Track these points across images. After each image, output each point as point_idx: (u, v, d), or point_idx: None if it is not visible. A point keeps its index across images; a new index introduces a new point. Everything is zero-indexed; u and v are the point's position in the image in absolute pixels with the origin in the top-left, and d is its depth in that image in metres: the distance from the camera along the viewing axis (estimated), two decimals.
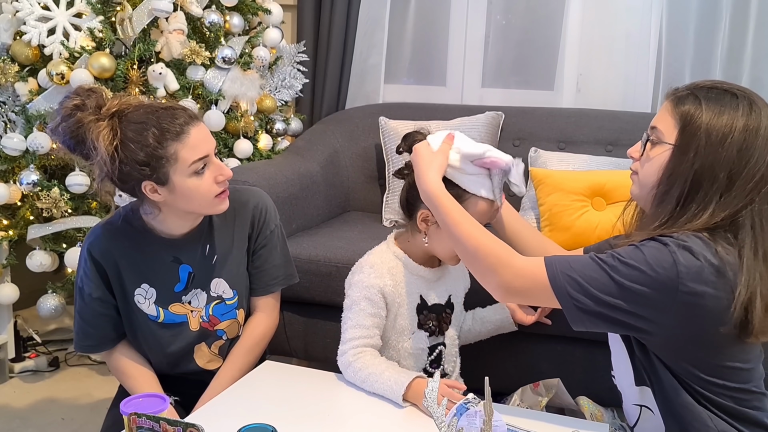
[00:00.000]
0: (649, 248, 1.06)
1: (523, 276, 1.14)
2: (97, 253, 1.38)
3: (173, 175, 1.27)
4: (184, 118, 1.28)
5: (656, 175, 1.13)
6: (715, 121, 1.07)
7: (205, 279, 1.44)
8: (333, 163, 2.51)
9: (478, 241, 1.17)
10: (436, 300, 1.42)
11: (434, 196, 1.23)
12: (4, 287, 2.11)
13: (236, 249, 1.48)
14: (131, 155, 1.24)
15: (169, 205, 1.33)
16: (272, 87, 2.60)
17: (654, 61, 2.51)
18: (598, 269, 1.08)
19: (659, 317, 1.05)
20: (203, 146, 1.30)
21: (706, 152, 1.07)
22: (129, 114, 1.27)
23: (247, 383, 1.35)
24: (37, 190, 2.01)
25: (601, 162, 2.22)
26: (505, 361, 1.81)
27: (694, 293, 1.02)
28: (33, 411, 2.05)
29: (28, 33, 2.01)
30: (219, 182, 1.33)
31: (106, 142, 1.22)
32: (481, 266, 1.17)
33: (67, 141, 1.26)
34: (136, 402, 1.06)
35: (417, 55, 2.88)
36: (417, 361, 1.41)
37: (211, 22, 2.25)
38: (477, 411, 1.03)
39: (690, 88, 1.14)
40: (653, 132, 1.16)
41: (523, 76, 2.78)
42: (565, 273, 1.10)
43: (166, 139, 1.25)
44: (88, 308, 1.42)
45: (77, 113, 1.24)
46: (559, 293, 1.10)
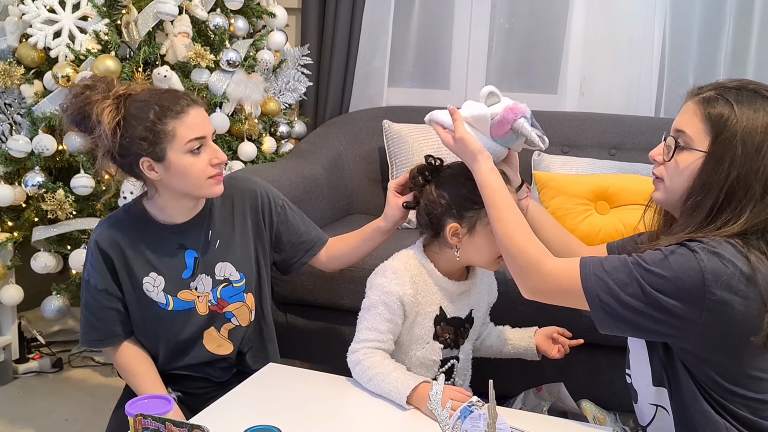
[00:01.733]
0: (677, 255, 1.03)
1: (551, 278, 1.14)
2: (105, 244, 1.41)
3: (170, 151, 1.33)
4: (186, 100, 1.35)
5: (686, 183, 1.09)
6: (750, 129, 1.03)
7: (209, 263, 1.47)
8: (336, 166, 2.51)
9: (514, 240, 1.18)
10: (456, 313, 1.41)
11: (482, 186, 1.23)
12: (8, 288, 2.11)
13: (239, 234, 1.51)
14: (132, 130, 1.32)
15: (165, 185, 1.38)
16: (276, 90, 2.61)
17: (657, 64, 2.51)
18: (629, 274, 1.06)
19: (687, 325, 1.03)
20: (201, 127, 1.36)
21: (742, 162, 1.03)
22: (134, 95, 1.36)
23: (252, 385, 1.35)
24: (42, 192, 2.01)
25: (604, 166, 2.22)
26: (508, 364, 1.80)
27: (723, 301, 1.00)
28: (37, 412, 2.06)
29: (34, 36, 2.01)
30: (213, 165, 1.38)
31: (109, 118, 1.31)
32: (513, 267, 1.19)
33: (73, 116, 1.37)
34: (141, 403, 1.06)
35: (420, 59, 2.89)
36: (428, 372, 1.40)
37: (215, 25, 2.26)
38: (481, 414, 1.03)
39: (717, 89, 1.09)
40: (680, 136, 1.11)
41: (526, 79, 2.78)
42: (598, 275, 1.08)
43: (166, 116, 1.32)
44: (94, 301, 1.43)
45: (86, 92, 1.35)
46: (590, 295, 1.09)
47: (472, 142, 1.26)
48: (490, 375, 1.74)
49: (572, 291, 1.10)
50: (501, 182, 1.24)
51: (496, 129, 1.30)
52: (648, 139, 2.36)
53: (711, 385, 1.08)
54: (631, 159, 2.29)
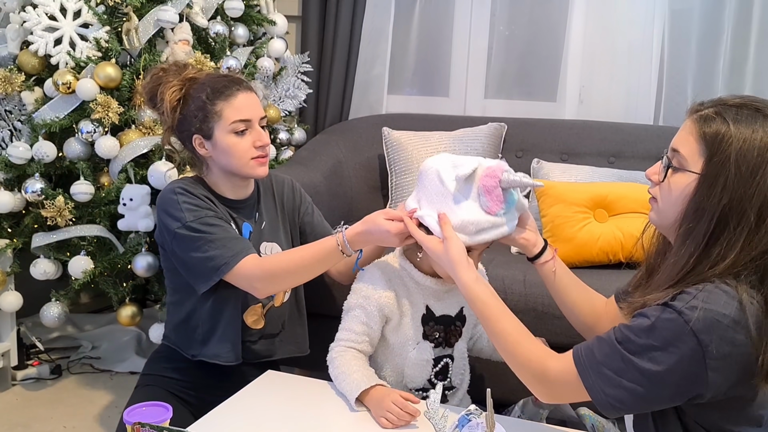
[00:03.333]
0: (663, 321, 0.97)
1: (558, 383, 1.09)
2: (191, 188, 1.49)
3: (217, 130, 1.46)
4: (237, 84, 1.48)
5: (679, 207, 1.03)
6: (746, 150, 0.96)
7: (257, 242, 1.57)
8: (336, 173, 2.52)
9: (516, 352, 1.14)
10: (445, 311, 1.41)
11: (469, 290, 1.19)
12: (7, 295, 2.11)
13: (281, 221, 1.65)
14: (187, 108, 1.48)
15: (214, 161, 1.51)
16: (276, 97, 2.62)
17: (656, 73, 2.53)
18: (622, 358, 1.00)
19: (695, 388, 0.98)
20: (247, 110, 1.47)
21: (735, 186, 0.96)
22: (198, 78, 1.50)
23: (251, 393, 1.35)
24: (41, 199, 2.02)
25: (603, 174, 2.23)
26: (506, 372, 1.80)
27: (723, 356, 0.94)
28: (35, 419, 2.05)
29: (35, 43, 2.02)
30: (257, 146, 1.48)
31: (171, 96, 1.47)
32: (523, 377, 1.15)
33: (147, 94, 1.54)
34: (139, 411, 1.06)
35: (420, 66, 2.90)
36: (421, 372, 1.40)
37: (216, 32, 2.27)
38: (479, 423, 1.03)
39: (716, 105, 1.03)
40: (675, 156, 1.05)
41: (525, 87, 2.80)
42: (594, 370, 1.03)
43: (216, 98, 1.45)
44: (214, 228, 1.45)
45: (161, 73, 1.52)
46: (593, 392, 1.03)
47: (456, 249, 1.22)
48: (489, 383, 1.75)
49: (579, 390, 1.05)
50: (487, 291, 1.20)
51: (492, 205, 1.26)
52: (647, 147, 2.37)
53: (712, 428, 1.04)
54: (630, 167, 2.30)
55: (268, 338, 1.60)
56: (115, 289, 2.09)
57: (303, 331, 1.69)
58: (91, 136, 1.99)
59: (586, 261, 1.98)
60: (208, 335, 1.52)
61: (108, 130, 2.01)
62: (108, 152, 1.99)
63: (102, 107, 1.97)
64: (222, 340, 1.52)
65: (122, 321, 2.09)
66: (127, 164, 2.02)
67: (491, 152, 2.42)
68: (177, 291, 1.56)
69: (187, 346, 1.56)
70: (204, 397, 1.50)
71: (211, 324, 1.52)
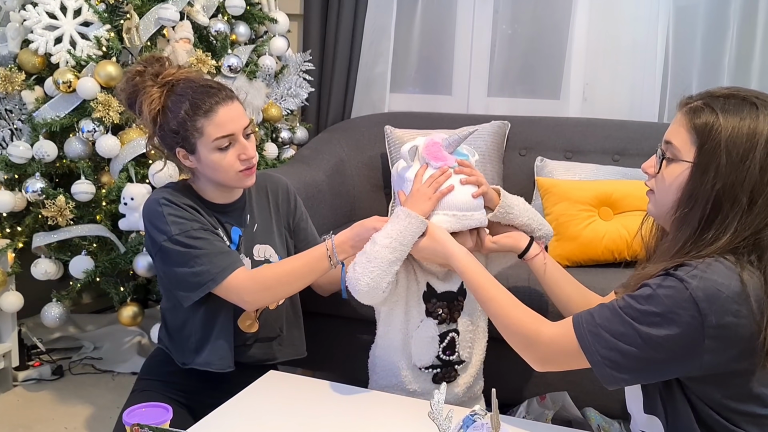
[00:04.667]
0: (665, 288, 1.00)
1: (552, 346, 1.12)
2: (175, 198, 1.45)
3: (199, 147, 1.41)
4: (218, 97, 1.40)
5: (674, 195, 1.07)
6: (735, 137, 1.00)
7: (249, 245, 1.54)
8: (339, 172, 2.50)
9: (509, 316, 1.19)
10: (447, 287, 1.43)
11: (465, 272, 1.27)
12: (8, 295, 2.10)
13: (275, 223, 1.61)
14: (167, 122, 1.41)
15: (200, 173, 1.47)
16: (278, 96, 2.60)
17: (661, 69, 2.50)
18: (622, 321, 1.03)
19: (692, 357, 1.00)
20: (229, 125, 1.40)
21: (726, 171, 1.00)
22: (176, 86, 1.42)
23: (251, 394, 1.34)
24: (42, 198, 2.00)
25: (608, 171, 2.21)
26: (511, 372, 1.79)
27: (723, 326, 0.97)
28: (36, 420, 2.04)
29: (35, 42, 2.01)
30: (242, 160, 1.43)
31: (150, 108, 1.41)
32: (513, 342, 1.19)
33: (125, 100, 1.47)
34: (138, 412, 1.05)
35: (423, 64, 2.88)
36: (428, 349, 1.41)
37: (217, 30, 2.25)
38: (484, 424, 1.02)
39: (704, 98, 1.07)
40: (668, 148, 1.10)
41: (529, 85, 2.78)
42: (592, 332, 1.06)
43: (196, 114, 1.38)
44: (201, 242, 1.41)
45: (137, 78, 1.43)
46: (590, 353, 1.06)
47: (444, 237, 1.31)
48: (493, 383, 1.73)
49: (575, 353, 1.07)
50: (477, 263, 1.28)
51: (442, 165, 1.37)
52: (652, 145, 2.31)
53: (717, 407, 1.04)
54: (635, 165, 2.25)
55: (265, 342, 1.58)
56: (116, 290, 2.08)
57: (300, 333, 1.67)
58: (92, 135, 1.98)
59: (591, 259, 1.96)
60: (201, 343, 1.49)
61: (109, 129, 2.00)
62: (109, 151, 1.98)
63: (102, 106, 1.96)
64: (214, 348, 1.48)
65: (123, 321, 2.08)
66: (128, 163, 2.01)
67: (495, 150, 2.40)
68: (171, 298, 1.52)
69: (180, 354, 1.53)
70: (203, 400, 1.47)
71: (204, 332, 1.48)
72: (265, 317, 1.56)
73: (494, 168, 2.38)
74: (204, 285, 1.40)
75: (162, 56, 1.49)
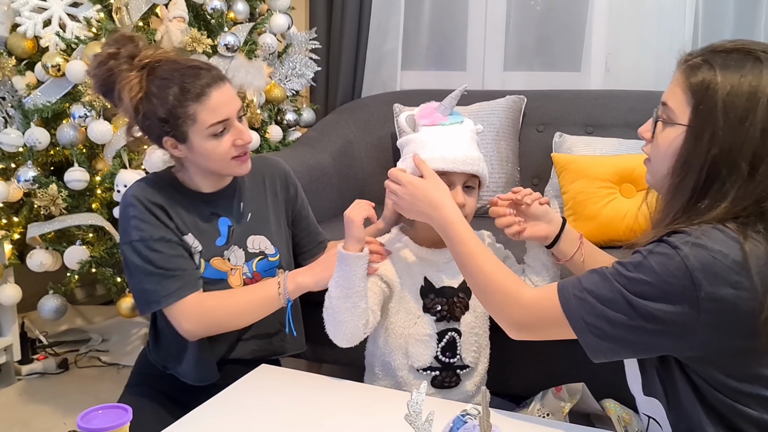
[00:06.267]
0: (657, 255, 0.91)
1: (533, 309, 1.04)
2: (145, 198, 1.32)
3: (192, 134, 1.29)
4: (208, 78, 1.28)
5: (669, 162, 0.98)
6: (733, 96, 0.91)
7: (242, 235, 1.42)
8: (346, 154, 2.40)
9: (489, 276, 1.10)
10: (447, 282, 1.33)
11: (450, 225, 1.15)
12: (6, 288, 2.05)
13: (272, 211, 1.48)
14: (153, 110, 1.27)
15: (190, 161, 1.35)
16: (282, 76, 2.49)
17: (690, 36, 2.34)
18: (611, 288, 0.94)
19: (685, 331, 0.91)
20: (224, 109, 1.29)
21: (724, 135, 0.91)
22: (157, 68, 1.28)
23: (240, 388, 1.26)
24: (35, 188, 1.94)
25: (631, 146, 2.06)
26: (526, 363, 1.68)
27: (718, 297, 0.88)
28: (36, 415, 1.99)
29: (23, 24, 1.94)
30: (237, 145, 1.32)
31: (131, 94, 1.26)
32: (491, 303, 1.11)
33: (99, 87, 1.32)
34: (95, 414, 0.96)
35: (435, 39, 2.76)
36: (426, 348, 1.31)
37: (213, 8, 2.15)
38: (475, 425, 0.90)
39: (704, 53, 0.96)
40: (664, 110, 1.00)
41: (547, 57, 2.65)
42: (578, 296, 0.98)
43: (187, 99, 1.26)
44: (155, 254, 1.30)
45: (110, 61, 1.28)
46: (573, 319, 0.98)
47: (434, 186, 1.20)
48: (507, 374, 1.62)
49: (557, 320, 1.00)
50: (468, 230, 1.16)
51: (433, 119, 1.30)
52: None
53: (720, 388, 0.94)
54: None
55: (264, 338, 1.48)
56: (113, 280, 2.01)
57: (300, 327, 1.57)
58: (84, 120, 1.91)
59: (612, 240, 1.82)
60: (179, 352, 1.40)
61: (101, 114, 1.92)
62: (101, 137, 1.91)
63: (92, 90, 1.87)
64: (193, 360, 1.39)
65: (122, 313, 2.01)
66: (122, 149, 1.93)
67: (510, 126, 2.26)
68: None
69: (161, 358, 1.44)
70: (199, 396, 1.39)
71: (183, 341, 1.38)
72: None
73: (509, 145, 2.25)
74: (150, 304, 1.32)
75: (134, 35, 1.35)
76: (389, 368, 1.35)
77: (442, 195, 1.19)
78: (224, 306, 1.35)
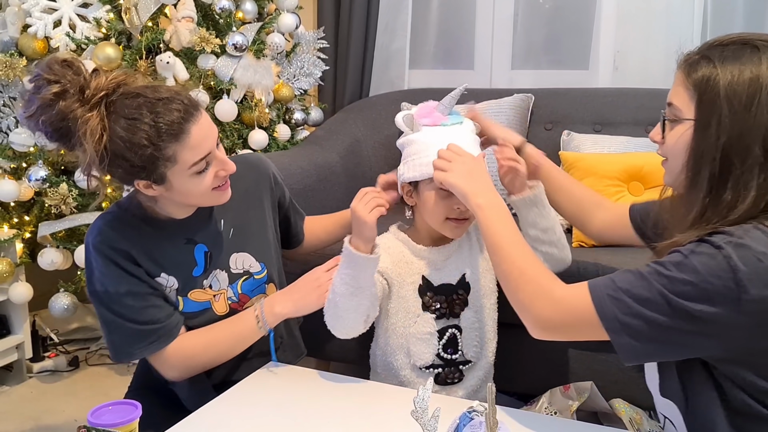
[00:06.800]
0: (700, 255, 0.89)
1: (564, 304, 1.00)
2: (105, 246, 1.20)
3: (171, 176, 1.15)
4: (182, 111, 1.12)
5: (682, 158, 0.97)
6: (735, 84, 0.91)
7: (224, 256, 1.31)
8: (354, 152, 2.40)
9: (523, 266, 1.06)
10: (444, 280, 1.33)
11: (495, 207, 1.12)
12: (17, 286, 2.07)
13: (255, 221, 1.37)
14: (123, 155, 1.10)
15: (165, 198, 1.21)
16: (290, 75, 2.49)
17: (699, 33, 2.32)
18: (648, 287, 0.91)
19: (723, 332, 0.89)
20: (205, 144, 1.15)
21: (731, 122, 0.91)
22: (118, 103, 1.10)
23: (246, 385, 1.26)
24: (45, 187, 1.95)
25: (639, 144, 2.05)
26: (534, 361, 1.67)
27: (761, 299, 0.85)
28: (47, 412, 2.01)
29: (34, 25, 1.95)
30: (220, 176, 1.21)
31: (95, 139, 1.07)
32: (520, 295, 1.05)
33: (48, 133, 1.11)
34: (105, 410, 0.97)
35: (443, 38, 2.76)
36: (427, 347, 1.32)
37: (221, 8, 2.16)
38: (482, 422, 0.91)
39: (702, 50, 0.97)
40: (670, 110, 1.00)
41: (555, 55, 2.63)
42: (612, 296, 0.94)
43: (163, 140, 1.10)
44: (124, 308, 1.21)
45: (59, 102, 1.07)
46: (607, 320, 0.94)
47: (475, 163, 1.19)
48: (515, 372, 1.62)
49: (588, 319, 0.96)
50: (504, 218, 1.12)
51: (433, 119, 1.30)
52: None
53: (749, 389, 0.93)
54: None
55: (267, 353, 1.39)
56: None
57: (298, 332, 1.54)
58: None
59: None
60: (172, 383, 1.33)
61: None
62: None
63: None
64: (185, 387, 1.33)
65: None
66: None
67: (518, 125, 2.26)
68: None
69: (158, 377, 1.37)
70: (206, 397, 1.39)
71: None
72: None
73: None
74: (120, 355, 1.24)
75: (69, 58, 1.12)
76: (392, 368, 1.35)
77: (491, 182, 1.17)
78: (205, 348, 1.27)
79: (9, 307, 2.15)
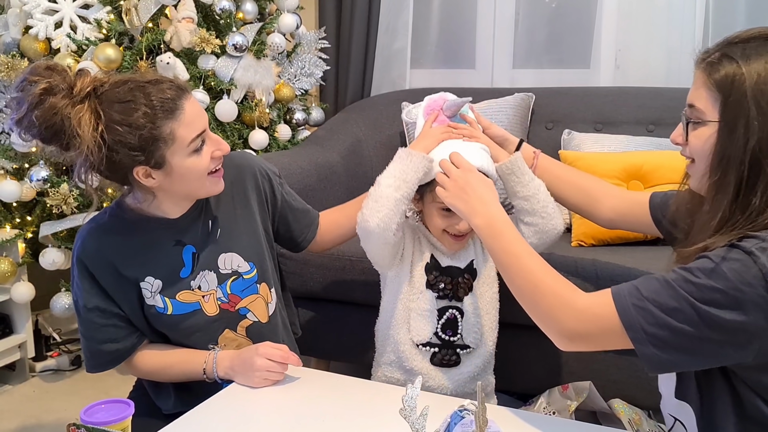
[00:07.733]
0: (730, 262, 0.86)
1: (588, 314, 0.97)
2: (87, 258, 1.23)
3: (170, 156, 1.15)
4: (173, 90, 1.14)
5: (706, 161, 0.94)
6: (762, 83, 0.88)
7: (212, 257, 1.31)
8: (355, 152, 2.40)
9: (539, 278, 1.03)
10: (452, 263, 1.36)
11: (496, 223, 1.12)
12: (19, 286, 2.08)
13: (242, 220, 1.36)
14: (121, 139, 1.10)
15: (164, 189, 1.21)
16: (291, 75, 2.50)
17: (701, 31, 2.31)
18: (675, 295, 0.89)
19: (752, 342, 0.86)
20: (199, 120, 1.18)
21: (760, 124, 0.88)
22: (108, 92, 1.11)
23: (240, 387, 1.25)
24: (47, 187, 1.97)
25: (641, 142, 2.05)
26: (533, 360, 1.67)
27: None
28: (48, 411, 2.02)
29: (35, 26, 1.96)
30: (215, 158, 1.22)
31: (90, 128, 1.08)
32: (540, 308, 1.02)
33: (41, 132, 1.10)
34: (98, 408, 0.97)
35: (444, 37, 2.76)
36: (426, 324, 1.35)
37: (222, 8, 2.17)
38: (473, 420, 0.90)
39: (721, 48, 0.94)
40: (691, 111, 0.97)
41: (556, 54, 2.62)
42: (637, 305, 0.92)
43: (159, 118, 1.12)
44: (88, 322, 1.25)
45: (48, 98, 1.08)
46: (633, 329, 0.91)
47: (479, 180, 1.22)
48: (514, 372, 1.61)
49: (613, 329, 0.93)
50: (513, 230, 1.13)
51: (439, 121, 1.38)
52: None
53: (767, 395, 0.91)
54: None
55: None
56: None
57: (292, 336, 1.52)
58: None
59: (620, 237, 1.81)
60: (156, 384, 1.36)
61: None
62: None
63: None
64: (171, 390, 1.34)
65: None
66: None
67: (518, 124, 2.26)
68: None
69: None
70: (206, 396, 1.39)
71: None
72: (258, 332, 1.36)
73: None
74: (90, 367, 1.29)
75: (51, 63, 1.14)
76: (392, 343, 1.37)
77: (492, 192, 1.17)
78: (159, 372, 1.31)
79: (11, 306, 2.17)
